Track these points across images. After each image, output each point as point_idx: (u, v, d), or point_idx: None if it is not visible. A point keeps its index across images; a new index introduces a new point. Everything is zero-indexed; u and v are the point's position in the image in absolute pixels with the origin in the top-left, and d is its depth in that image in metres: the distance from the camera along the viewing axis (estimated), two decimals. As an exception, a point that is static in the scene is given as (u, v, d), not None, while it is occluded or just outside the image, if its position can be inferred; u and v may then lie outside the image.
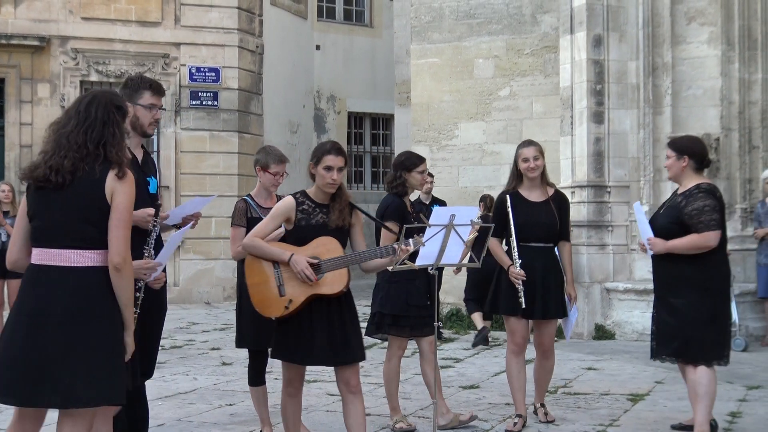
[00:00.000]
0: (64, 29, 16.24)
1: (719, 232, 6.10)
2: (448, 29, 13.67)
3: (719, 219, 6.10)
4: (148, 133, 5.10)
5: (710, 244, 6.10)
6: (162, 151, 16.66)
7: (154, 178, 5.11)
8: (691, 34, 11.55)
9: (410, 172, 6.73)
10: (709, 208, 6.08)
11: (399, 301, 6.72)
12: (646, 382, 8.55)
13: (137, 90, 4.96)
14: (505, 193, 6.87)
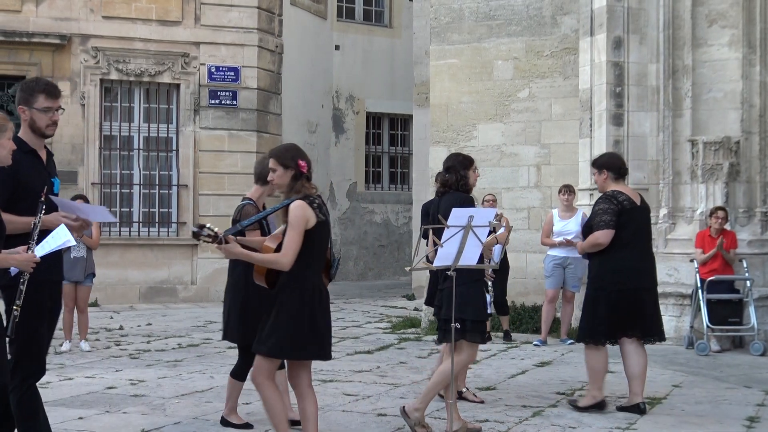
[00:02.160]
0: (85, 28, 16.32)
1: (608, 231, 7.14)
2: (467, 30, 13.66)
3: (609, 220, 7.14)
4: (47, 134, 5.22)
5: (600, 241, 7.21)
6: (181, 149, 16.71)
7: (57, 178, 5.23)
8: (712, 37, 11.49)
9: (468, 171, 6.84)
10: (602, 210, 7.22)
11: (479, 305, 6.66)
12: (664, 386, 8.51)
13: (32, 94, 5.06)
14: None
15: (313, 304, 5.41)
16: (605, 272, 7.28)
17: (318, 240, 5.42)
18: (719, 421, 7.09)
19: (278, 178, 5.43)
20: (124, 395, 8.08)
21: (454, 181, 6.80)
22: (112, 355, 10.52)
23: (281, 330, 5.37)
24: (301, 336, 5.37)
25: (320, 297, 5.47)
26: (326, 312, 5.51)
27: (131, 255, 16.18)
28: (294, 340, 5.38)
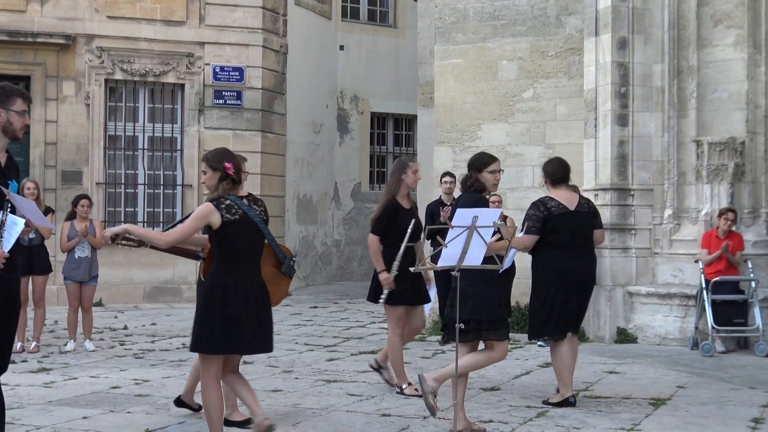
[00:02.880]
0: (90, 28, 16.34)
1: (531, 237, 7.60)
2: (472, 30, 13.64)
3: (531, 226, 7.63)
4: (19, 137, 5.23)
5: (524, 245, 7.67)
6: (185, 149, 16.73)
7: (15, 181, 5.28)
8: (717, 37, 11.47)
9: (480, 172, 6.83)
10: (528, 216, 7.72)
11: (493, 305, 6.75)
12: (669, 387, 8.50)
13: (10, 97, 5.10)
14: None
15: (227, 299, 5.62)
16: (542, 273, 7.69)
17: (231, 238, 5.66)
18: (724, 422, 7.08)
19: (208, 180, 5.78)
20: (129, 395, 8.09)
21: (467, 181, 6.88)
22: (116, 354, 10.53)
23: (194, 324, 5.77)
24: (208, 329, 5.64)
25: (241, 292, 5.67)
26: (247, 306, 5.68)
27: (135, 255, 16.17)
28: (203, 334, 5.67)
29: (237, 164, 5.76)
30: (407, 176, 8.01)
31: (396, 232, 7.84)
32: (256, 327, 5.74)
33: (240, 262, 5.71)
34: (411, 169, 8.01)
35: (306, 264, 20.05)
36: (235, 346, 5.72)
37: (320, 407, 7.54)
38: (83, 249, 10.79)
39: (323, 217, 21.00)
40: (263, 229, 5.86)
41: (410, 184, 8.10)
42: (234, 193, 5.76)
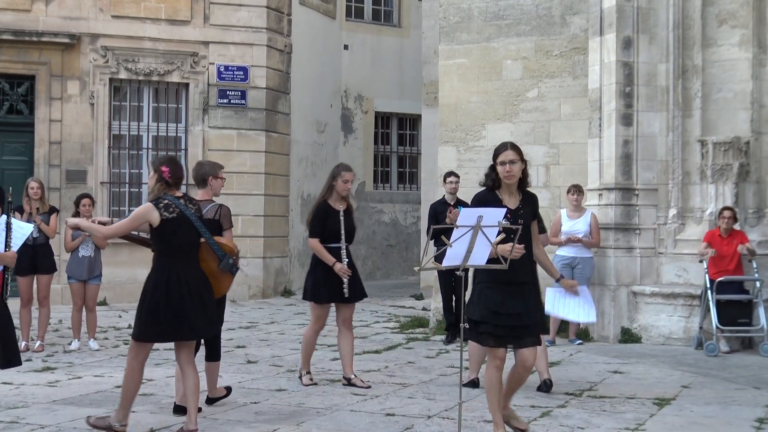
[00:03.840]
0: (95, 27, 16.36)
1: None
2: (476, 30, 13.64)
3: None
4: None
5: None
6: (189, 149, 16.74)
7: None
8: (721, 37, 11.46)
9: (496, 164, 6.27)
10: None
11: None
12: (673, 387, 8.49)
13: None
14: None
15: (168, 291, 6.28)
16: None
17: (169, 235, 6.36)
18: (728, 422, 7.07)
19: (149, 180, 6.61)
20: (133, 394, 8.08)
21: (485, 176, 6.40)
22: (120, 354, 10.53)
23: (138, 314, 6.40)
24: (151, 319, 6.29)
25: (183, 283, 6.31)
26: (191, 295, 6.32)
27: (140, 254, 15.96)
28: (146, 324, 6.33)
29: (174, 170, 6.46)
30: (337, 183, 8.56)
31: (329, 233, 8.47)
32: (200, 314, 6.38)
33: (179, 256, 6.39)
34: (342, 178, 8.55)
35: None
36: (182, 333, 6.35)
37: (324, 407, 7.54)
38: (87, 248, 10.80)
39: (327, 217, 20.96)
40: (199, 226, 6.49)
41: (340, 191, 8.57)
42: (171, 194, 6.44)
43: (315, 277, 8.51)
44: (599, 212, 11.61)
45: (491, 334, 6.08)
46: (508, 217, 5.96)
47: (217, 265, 6.68)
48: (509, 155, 6.20)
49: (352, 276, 8.54)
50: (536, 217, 6.45)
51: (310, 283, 8.54)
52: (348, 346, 8.59)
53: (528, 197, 6.39)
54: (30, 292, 10.88)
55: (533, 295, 6.27)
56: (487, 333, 6.09)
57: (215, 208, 7.44)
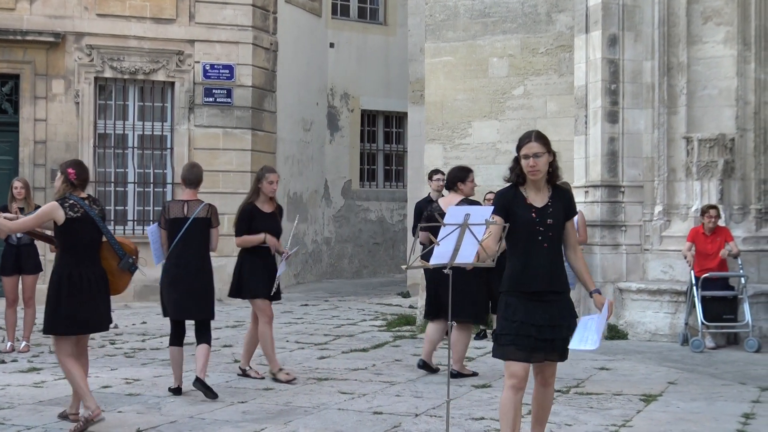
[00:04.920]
0: (79, 25, 16.29)
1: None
2: (462, 28, 13.65)
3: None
4: None
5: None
6: (175, 147, 16.69)
7: None
8: (707, 34, 11.50)
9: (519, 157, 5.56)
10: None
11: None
12: (659, 383, 8.52)
13: None
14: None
15: (70, 287, 6.64)
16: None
17: (74, 233, 6.69)
18: (715, 418, 7.10)
19: (56, 182, 6.89)
20: (120, 394, 8.07)
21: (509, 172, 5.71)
22: (107, 353, 10.51)
23: (45, 309, 6.76)
24: (55, 314, 6.68)
25: (84, 279, 6.69)
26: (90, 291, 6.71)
27: (126, 253, 16.13)
28: (51, 318, 6.72)
29: (80, 172, 6.78)
30: (263, 185, 8.71)
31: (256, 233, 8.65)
32: (97, 309, 6.80)
33: (82, 254, 6.73)
34: (267, 180, 8.69)
35: (296, 262, 20.03)
36: (81, 327, 6.78)
37: (312, 405, 7.54)
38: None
39: (313, 215, 20.98)
40: (101, 226, 6.83)
41: (267, 193, 8.73)
42: (77, 194, 6.76)
43: (254, 275, 8.69)
44: (585, 209, 11.63)
45: (510, 344, 5.29)
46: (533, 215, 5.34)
47: (117, 264, 6.96)
48: (533, 147, 5.39)
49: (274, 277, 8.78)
50: (570, 215, 5.53)
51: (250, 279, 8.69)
52: (256, 341, 8.89)
53: (559, 193, 5.53)
54: (15, 292, 10.83)
55: (564, 307, 5.43)
56: (508, 345, 5.30)
57: (206, 208, 8.05)
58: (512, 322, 5.29)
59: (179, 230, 7.97)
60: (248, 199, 8.81)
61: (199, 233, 8.01)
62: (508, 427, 5.34)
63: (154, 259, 8.34)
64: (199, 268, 8.06)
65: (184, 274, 8.02)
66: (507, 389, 5.35)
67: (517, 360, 5.29)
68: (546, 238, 5.33)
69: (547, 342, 5.32)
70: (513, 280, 5.37)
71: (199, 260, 8.07)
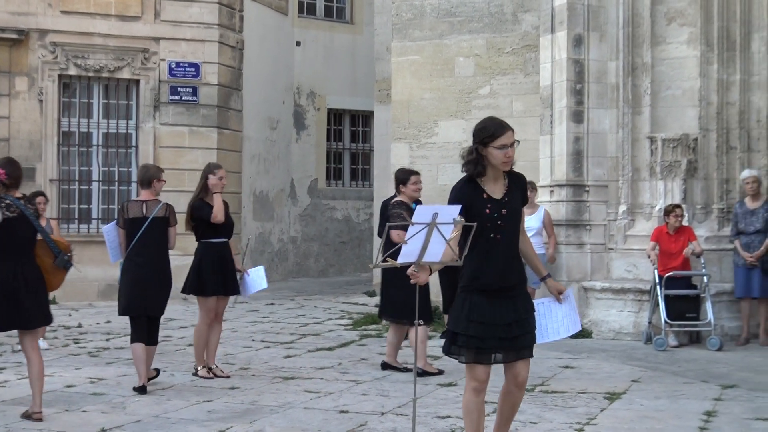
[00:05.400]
0: (43, 22, 16.13)
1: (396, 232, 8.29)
2: (429, 27, 13.68)
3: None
4: None
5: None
6: (141, 146, 16.58)
7: None
8: (670, 35, 11.60)
9: (486, 147, 5.25)
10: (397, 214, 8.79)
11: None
12: (623, 381, 8.59)
13: None
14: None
15: (6, 284, 6.76)
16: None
17: (11, 232, 6.80)
18: (678, 415, 7.17)
19: None
20: (84, 393, 8.02)
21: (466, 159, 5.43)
22: (70, 353, 10.43)
23: None
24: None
25: (20, 277, 6.81)
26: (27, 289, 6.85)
27: (90, 252, 15.96)
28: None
29: (12, 172, 6.92)
30: (210, 180, 8.90)
31: (212, 228, 8.87)
32: (34, 306, 6.91)
33: (18, 253, 6.87)
34: (216, 175, 8.93)
35: (262, 261, 19.98)
36: (18, 323, 6.92)
37: (278, 404, 7.53)
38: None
39: (280, 214, 20.94)
40: (37, 225, 6.95)
41: (214, 188, 8.90)
42: (11, 194, 6.90)
43: (201, 271, 8.82)
44: (551, 209, 11.70)
45: (474, 347, 5.07)
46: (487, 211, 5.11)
47: (52, 261, 7.09)
48: (511, 137, 5.19)
49: (232, 271, 9.02)
50: (525, 202, 5.40)
51: (196, 277, 8.84)
52: (216, 338, 9.02)
53: (515, 180, 5.29)
54: None
55: (524, 300, 5.25)
56: (465, 347, 5.08)
57: (164, 207, 8.35)
58: (478, 324, 5.06)
59: (138, 229, 8.21)
60: (197, 195, 8.96)
61: (158, 232, 8.28)
62: (473, 428, 5.23)
63: (111, 258, 8.51)
64: (157, 266, 8.30)
65: (144, 272, 8.24)
66: (470, 391, 5.19)
67: (481, 363, 5.09)
68: (505, 231, 5.15)
69: (516, 339, 5.11)
70: (473, 276, 5.14)
71: (158, 259, 8.31)
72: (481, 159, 5.15)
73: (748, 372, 9.12)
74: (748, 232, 10.95)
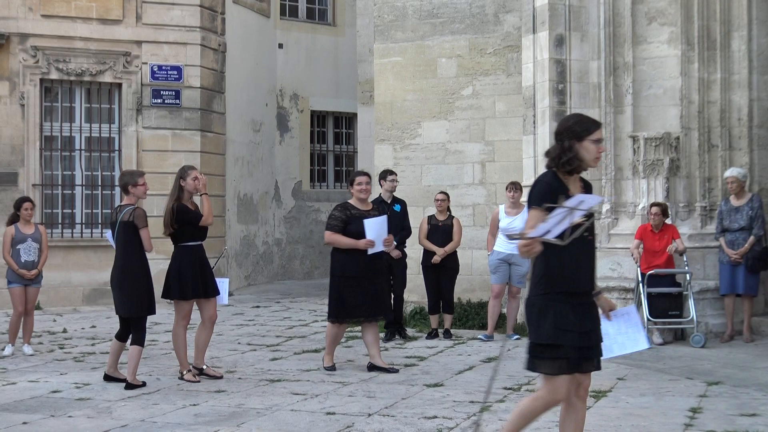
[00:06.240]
0: (24, 26, 16.07)
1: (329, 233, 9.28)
2: (411, 28, 13.71)
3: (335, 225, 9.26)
4: None
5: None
6: (123, 150, 16.54)
7: None
8: (651, 34, 11.67)
9: (581, 141, 4.93)
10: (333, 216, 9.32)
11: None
12: (608, 379, 8.62)
13: None
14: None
15: None
16: (336, 262, 9.24)
17: None
18: (663, 412, 7.21)
19: None
20: (69, 399, 7.99)
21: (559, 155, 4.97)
22: (56, 358, 10.39)
23: None
24: None
25: None
26: None
27: (74, 257, 15.98)
28: None
29: None
30: (187, 183, 8.91)
31: (191, 232, 8.94)
32: None
33: None
34: (190, 176, 8.91)
35: (247, 263, 19.96)
36: None
37: (264, 407, 7.53)
38: (30, 253, 10.66)
39: (264, 216, 20.91)
40: None
41: (190, 190, 8.93)
42: None
43: (181, 275, 8.86)
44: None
45: (563, 357, 4.81)
46: None
47: None
48: (602, 132, 4.99)
49: (211, 273, 9.11)
50: None
51: (177, 281, 8.86)
52: (206, 339, 9.09)
53: (587, 186, 5.11)
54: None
55: (595, 308, 5.03)
56: (560, 359, 4.81)
57: (130, 212, 8.58)
58: (565, 332, 4.80)
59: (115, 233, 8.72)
60: (174, 199, 8.92)
61: (123, 236, 8.59)
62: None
63: None
64: (122, 268, 8.64)
65: (115, 275, 8.74)
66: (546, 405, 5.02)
67: (569, 373, 4.86)
68: (591, 231, 4.94)
69: (592, 349, 4.94)
70: (557, 280, 4.84)
71: (123, 261, 8.64)
72: (573, 155, 4.91)
73: (733, 369, 9.18)
74: (732, 229, 11.02)
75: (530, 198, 4.89)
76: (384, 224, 9.22)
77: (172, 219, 8.85)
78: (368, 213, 9.33)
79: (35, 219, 13.71)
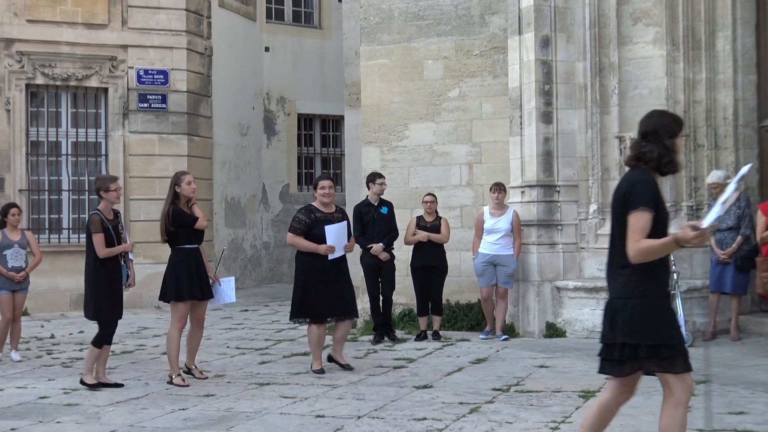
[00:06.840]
0: (9, 32, 16.02)
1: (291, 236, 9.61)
2: (397, 30, 13.71)
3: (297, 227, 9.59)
4: None
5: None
6: (110, 154, 16.50)
7: None
8: (636, 35, 11.71)
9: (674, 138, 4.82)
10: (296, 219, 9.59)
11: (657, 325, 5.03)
12: (598, 379, 8.61)
13: None
14: None
15: None
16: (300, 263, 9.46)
17: None
18: (651, 411, 7.21)
19: None
20: (58, 405, 7.97)
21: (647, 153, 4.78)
22: (43, 364, 10.36)
23: None
24: None
25: None
26: None
27: (61, 262, 15.90)
28: None
29: None
30: (182, 188, 9.00)
31: (187, 235, 8.99)
32: None
33: None
34: (184, 181, 9.01)
35: (235, 267, 19.93)
36: None
37: (254, 410, 7.52)
38: (17, 258, 10.62)
39: (252, 220, 20.89)
40: None
41: (186, 194, 9.02)
42: None
43: (178, 277, 8.91)
44: (522, 209, 11.76)
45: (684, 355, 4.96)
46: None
47: None
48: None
49: (206, 276, 9.15)
50: None
51: (173, 284, 8.92)
52: (197, 341, 9.28)
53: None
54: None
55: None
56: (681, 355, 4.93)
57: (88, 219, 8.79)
58: (678, 331, 4.82)
59: None
60: (170, 204, 9.01)
61: (87, 240, 8.74)
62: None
63: None
64: (84, 271, 8.83)
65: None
66: (686, 405, 5.02)
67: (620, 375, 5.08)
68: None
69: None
70: (659, 281, 4.79)
71: (85, 265, 8.80)
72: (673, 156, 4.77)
73: (721, 367, 9.20)
74: (720, 228, 11.04)
75: (635, 200, 4.67)
76: (344, 230, 9.40)
77: (168, 222, 8.92)
78: (332, 216, 9.47)
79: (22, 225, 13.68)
